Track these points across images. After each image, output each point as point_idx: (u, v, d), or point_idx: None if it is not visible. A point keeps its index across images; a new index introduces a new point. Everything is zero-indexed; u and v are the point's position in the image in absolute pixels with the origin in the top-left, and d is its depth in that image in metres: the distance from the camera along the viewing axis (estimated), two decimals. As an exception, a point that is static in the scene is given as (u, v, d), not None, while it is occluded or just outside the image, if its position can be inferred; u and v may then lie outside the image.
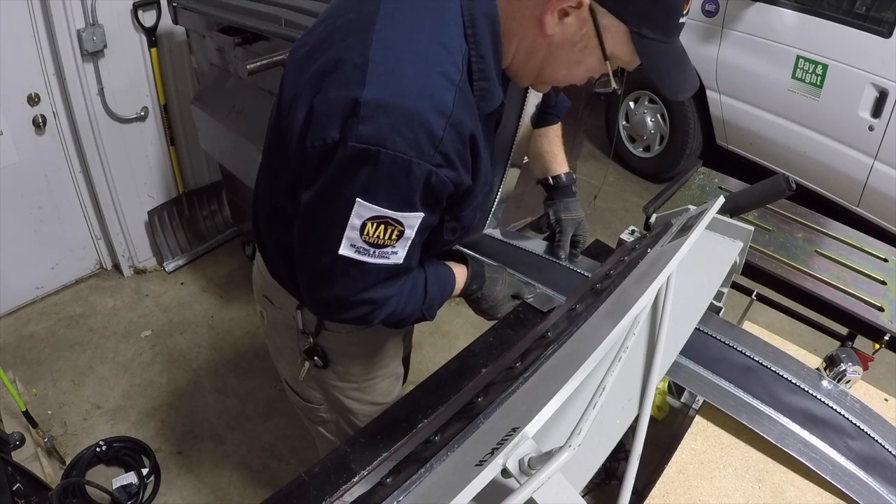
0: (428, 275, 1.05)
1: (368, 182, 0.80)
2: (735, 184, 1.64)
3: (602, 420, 0.82)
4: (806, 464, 0.93)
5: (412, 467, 0.83)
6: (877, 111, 2.81)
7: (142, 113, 2.77)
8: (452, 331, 2.74)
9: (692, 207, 1.23)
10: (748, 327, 1.28)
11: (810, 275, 1.34)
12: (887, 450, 0.96)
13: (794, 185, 1.23)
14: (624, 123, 3.94)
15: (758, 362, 1.06)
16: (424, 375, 1.05)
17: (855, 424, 0.98)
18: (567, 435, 0.61)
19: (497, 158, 1.17)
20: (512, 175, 1.32)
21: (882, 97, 2.77)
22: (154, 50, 2.67)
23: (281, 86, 0.93)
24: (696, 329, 1.08)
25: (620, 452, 1.07)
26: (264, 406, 2.42)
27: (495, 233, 1.43)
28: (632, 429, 0.84)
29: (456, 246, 1.27)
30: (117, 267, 3.07)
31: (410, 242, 0.88)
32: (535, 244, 1.39)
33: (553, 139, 1.38)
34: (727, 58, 3.33)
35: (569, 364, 0.74)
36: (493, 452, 0.61)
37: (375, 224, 0.84)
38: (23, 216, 2.65)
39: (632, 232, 1.41)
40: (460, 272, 1.15)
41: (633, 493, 0.75)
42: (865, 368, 1.15)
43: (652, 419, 0.86)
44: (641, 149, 3.93)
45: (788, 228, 1.49)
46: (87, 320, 2.80)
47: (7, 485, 1.55)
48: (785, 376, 1.04)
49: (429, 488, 0.76)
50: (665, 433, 1.27)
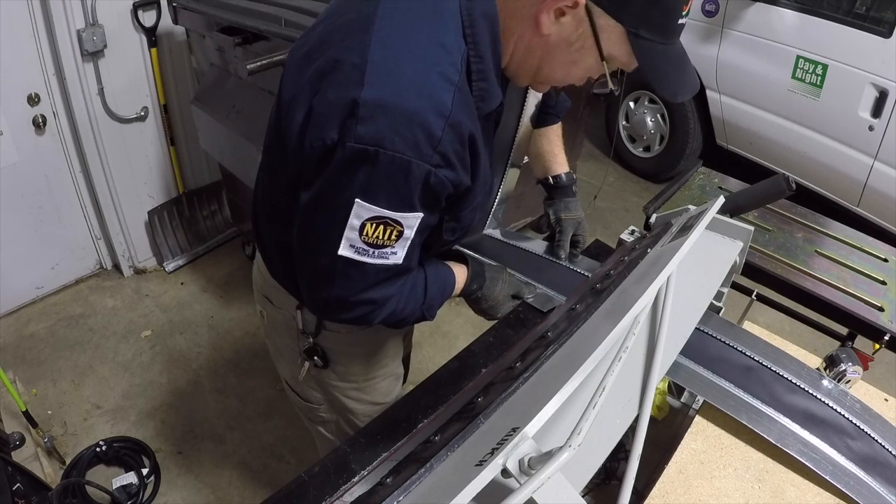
0: (428, 275, 1.05)
1: (367, 182, 0.80)
2: (735, 184, 1.64)
3: (602, 420, 0.82)
4: (806, 464, 0.93)
5: (412, 467, 0.83)
6: (877, 111, 2.81)
7: (142, 113, 2.77)
8: (452, 331, 2.73)
9: (692, 207, 1.23)
10: (748, 327, 1.28)
11: (810, 275, 1.34)
12: (887, 450, 0.96)
13: (794, 185, 1.23)
14: (624, 123, 3.94)
15: (758, 362, 1.06)
16: (424, 375, 1.05)
17: (855, 424, 0.98)
18: (567, 435, 0.61)
19: (497, 159, 1.17)
20: (512, 175, 1.32)
21: (882, 97, 2.77)
22: (154, 50, 2.67)
23: (280, 86, 0.93)
24: (696, 329, 1.08)
25: (620, 452, 1.07)
26: (264, 406, 2.42)
27: (495, 233, 1.43)
28: (632, 429, 0.84)
29: (456, 246, 1.27)
30: (117, 267, 3.07)
31: (410, 243, 0.88)
32: (535, 244, 1.39)
33: (553, 139, 1.38)
34: (727, 58, 3.33)
35: (569, 364, 0.74)
36: (493, 452, 0.61)
37: (374, 224, 0.84)
38: (23, 216, 2.65)
39: (632, 232, 1.41)
40: (460, 272, 1.15)
41: (633, 493, 0.75)
42: (865, 368, 1.15)
43: (652, 419, 0.86)
44: (641, 149, 3.93)
45: (788, 228, 1.49)
46: (87, 320, 2.80)
47: (7, 485, 1.55)
48: (785, 376, 1.04)
49: (429, 488, 0.76)
50: (665, 433, 1.27)
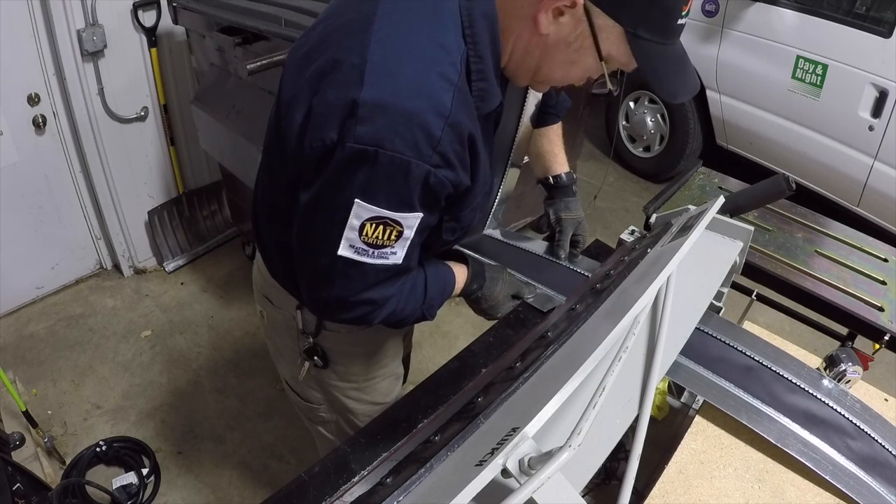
0: (428, 274, 1.05)
1: (367, 183, 0.80)
2: (735, 184, 1.64)
3: (602, 420, 0.82)
4: (806, 464, 0.93)
5: (412, 467, 0.83)
6: (877, 111, 2.81)
7: (142, 113, 2.77)
8: (452, 331, 2.73)
9: (692, 207, 1.23)
10: (748, 327, 1.28)
11: (810, 275, 1.34)
12: (887, 450, 0.96)
13: (794, 185, 1.23)
14: (624, 123, 3.94)
15: (758, 362, 1.06)
16: (424, 375, 1.05)
17: (855, 424, 0.98)
18: (567, 435, 0.61)
19: (496, 159, 1.17)
20: (512, 175, 1.32)
21: (882, 97, 2.77)
22: (154, 50, 2.67)
23: (280, 86, 0.93)
24: (697, 329, 1.08)
25: (620, 452, 1.06)
26: (264, 406, 2.42)
27: (495, 233, 1.43)
28: (632, 429, 0.84)
29: (456, 246, 1.27)
30: (117, 267, 3.07)
31: (409, 243, 0.88)
32: (535, 244, 1.39)
33: (553, 139, 1.38)
34: (727, 58, 3.33)
35: (569, 364, 0.74)
36: (493, 452, 0.61)
37: (374, 225, 0.83)
38: (23, 216, 2.65)
39: (632, 232, 1.41)
40: (460, 272, 1.15)
41: (633, 493, 0.75)
42: (865, 368, 1.15)
43: (652, 419, 0.86)
44: (641, 149, 3.93)
45: (788, 228, 1.49)
46: (87, 320, 2.80)
47: (7, 485, 1.55)
48: (785, 376, 1.04)
49: (429, 488, 0.76)
50: (665, 433, 1.27)
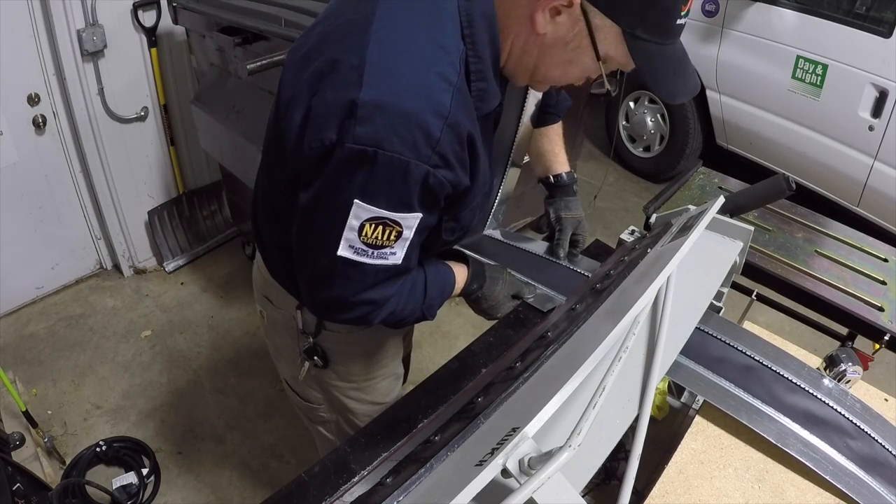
0: (428, 274, 1.05)
1: (366, 183, 0.80)
2: (735, 184, 1.64)
3: (602, 420, 0.82)
4: (806, 464, 0.93)
5: (412, 467, 0.83)
6: (877, 111, 2.81)
7: (142, 113, 2.77)
8: (452, 331, 2.73)
9: (692, 207, 1.23)
10: (748, 327, 1.28)
11: (810, 275, 1.34)
12: (887, 450, 0.96)
13: (794, 185, 1.23)
14: (624, 123, 3.94)
15: (758, 362, 1.06)
16: (424, 375, 1.05)
17: (855, 424, 0.98)
18: (567, 435, 0.61)
19: (496, 159, 1.17)
20: (512, 175, 1.32)
21: (882, 97, 2.77)
22: (154, 50, 2.67)
23: (279, 86, 0.93)
24: (697, 328, 1.08)
25: (620, 452, 1.06)
26: (264, 406, 2.42)
27: (495, 233, 1.43)
28: (632, 429, 0.84)
29: (456, 246, 1.27)
30: (117, 267, 3.07)
31: (409, 243, 0.88)
32: (535, 244, 1.39)
33: (554, 138, 1.38)
34: (727, 58, 3.33)
35: (569, 364, 0.74)
36: (493, 452, 0.61)
37: (373, 225, 0.83)
38: (23, 216, 2.65)
39: (632, 232, 1.41)
40: (460, 272, 1.15)
41: (633, 493, 0.75)
42: (865, 368, 1.15)
43: (652, 419, 0.86)
44: (641, 149, 3.93)
45: (788, 228, 1.49)
46: (87, 320, 2.80)
47: (7, 485, 1.55)
48: (785, 376, 1.04)
49: (429, 488, 0.76)
50: (665, 433, 1.27)
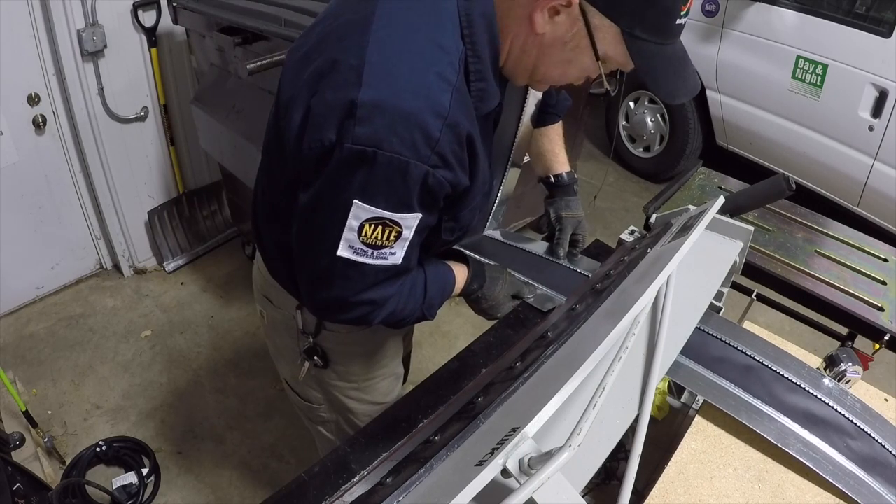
0: (427, 274, 1.05)
1: (366, 183, 0.80)
2: (735, 184, 1.64)
3: (602, 420, 0.82)
4: (806, 464, 0.93)
5: (412, 467, 0.83)
6: (877, 111, 2.81)
7: (142, 113, 2.77)
8: (452, 331, 2.73)
9: (692, 207, 1.23)
10: (748, 327, 1.28)
11: (810, 275, 1.34)
12: (887, 450, 0.96)
13: (794, 185, 1.23)
14: (624, 123, 3.94)
15: (758, 362, 1.06)
16: (424, 375, 1.05)
17: (855, 424, 0.98)
18: (567, 435, 0.61)
19: (496, 159, 1.17)
20: (512, 175, 1.32)
21: (882, 97, 2.77)
22: (154, 50, 2.67)
23: (279, 86, 0.93)
24: (697, 328, 1.08)
25: (620, 452, 1.06)
26: (264, 406, 2.42)
27: (495, 234, 1.43)
28: (632, 429, 0.84)
29: (456, 246, 1.27)
30: (117, 267, 3.07)
31: (409, 243, 0.88)
32: (535, 244, 1.40)
33: (554, 138, 1.38)
34: (727, 58, 3.32)
35: (569, 364, 0.74)
36: (493, 452, 0.61)
37: (373, 225, 0.83)
38: (23, 216, 2.64)
39: (632, 232, 1.41)
40: (460, 272, 1.15)
41: (633, 493, 0.75)
42: (865, 368, 1.15)
43: (652, 419, 0.86)
44: (641, 149, 3.93)
45: (788, 228, 1.49)
46: (87, 320, 2.80)
47: (7, 485, 1.55)
48: (785, 376, 1.04)
49: (429, 488, 0.76)
50: (665, 433, 1.27)
